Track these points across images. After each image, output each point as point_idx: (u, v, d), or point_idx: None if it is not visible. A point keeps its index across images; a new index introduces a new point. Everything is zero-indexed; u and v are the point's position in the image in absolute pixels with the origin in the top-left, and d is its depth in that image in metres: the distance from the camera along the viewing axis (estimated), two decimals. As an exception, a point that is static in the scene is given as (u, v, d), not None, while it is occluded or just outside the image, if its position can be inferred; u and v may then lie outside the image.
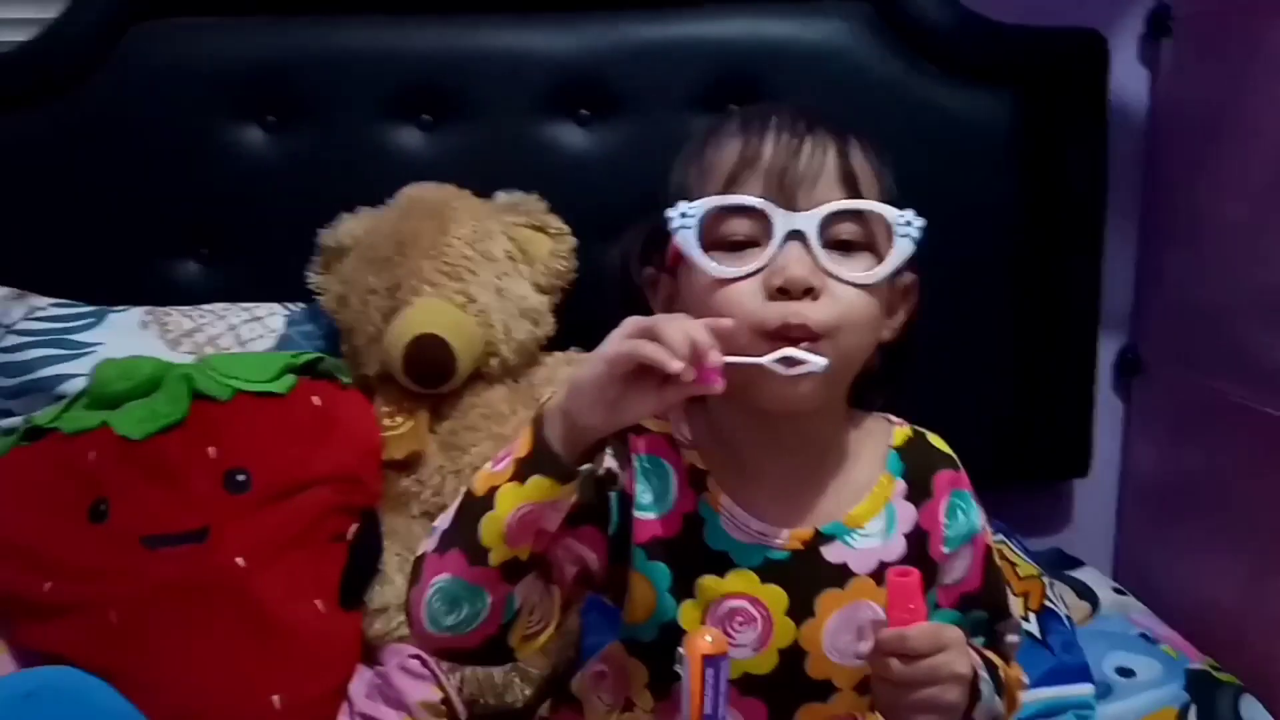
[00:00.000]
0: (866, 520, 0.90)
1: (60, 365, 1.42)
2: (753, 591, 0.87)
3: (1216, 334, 1.56)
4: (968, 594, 0.93)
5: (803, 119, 0.85)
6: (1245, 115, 1.50)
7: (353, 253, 1.45)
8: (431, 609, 0.82)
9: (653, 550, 0.88)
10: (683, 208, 0.84)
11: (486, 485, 0.81)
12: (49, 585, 1.19)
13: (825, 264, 0.82)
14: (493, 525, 0.80)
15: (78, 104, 1.55)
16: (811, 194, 0.83)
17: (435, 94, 1.56)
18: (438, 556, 0.82)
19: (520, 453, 0.80)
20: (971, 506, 0.94)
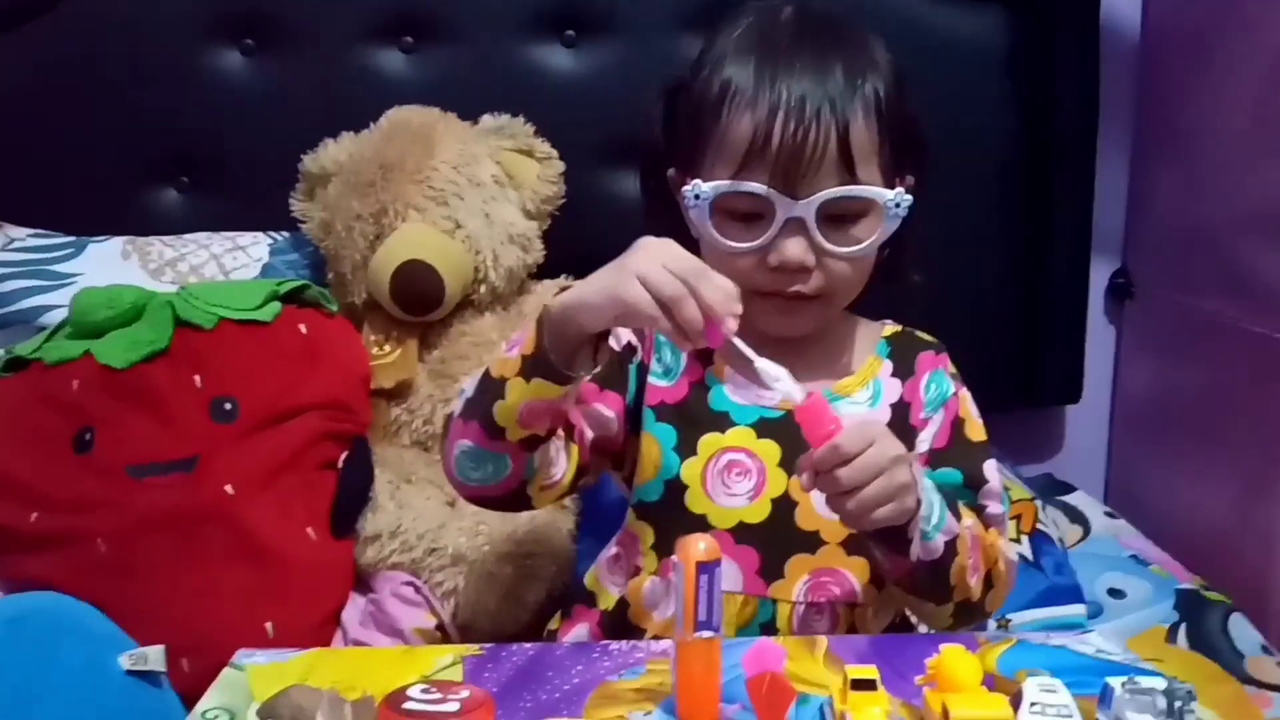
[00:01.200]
0: (855, 390, 1.01)
1: (41, 296, 1.41)
2: (749, 445, 0.98)
3: (1208, 255, 1.55)
4: (936, 450, 1.00)
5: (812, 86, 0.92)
6: (1235, 34, 1.48)
7: (336, 179, 1.43)
8: (460, 464, 0.95)
9: (661, 412, 1.00)
10: (696, 189, 0.94)
11: (499, 371, 0.90)
12: (35, 516, 1.17)
13: (820, 244, 0.94)
14: (505, 411, 0.89)
15: (51, 30, 1.52)
16: (813, 182, 0.92)
17: (417, 15, 1.53)
18: (462, 423, 0.93)
19: (526, 349, 0.88)
20: (945, 380, 1.03)
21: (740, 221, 0.95)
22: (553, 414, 0.91)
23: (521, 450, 0.92)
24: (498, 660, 0.81)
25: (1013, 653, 0.83)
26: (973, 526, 0.94)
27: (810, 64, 0.94)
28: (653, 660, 0.81)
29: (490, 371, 0.91)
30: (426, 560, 1.23)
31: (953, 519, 0.89)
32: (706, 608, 0.71)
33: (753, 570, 0.95)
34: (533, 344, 0.88)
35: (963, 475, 0.99)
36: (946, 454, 0.99)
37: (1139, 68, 1.71)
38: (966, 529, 0.92)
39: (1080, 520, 1.56)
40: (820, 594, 0.95)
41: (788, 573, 0.95)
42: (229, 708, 0.74)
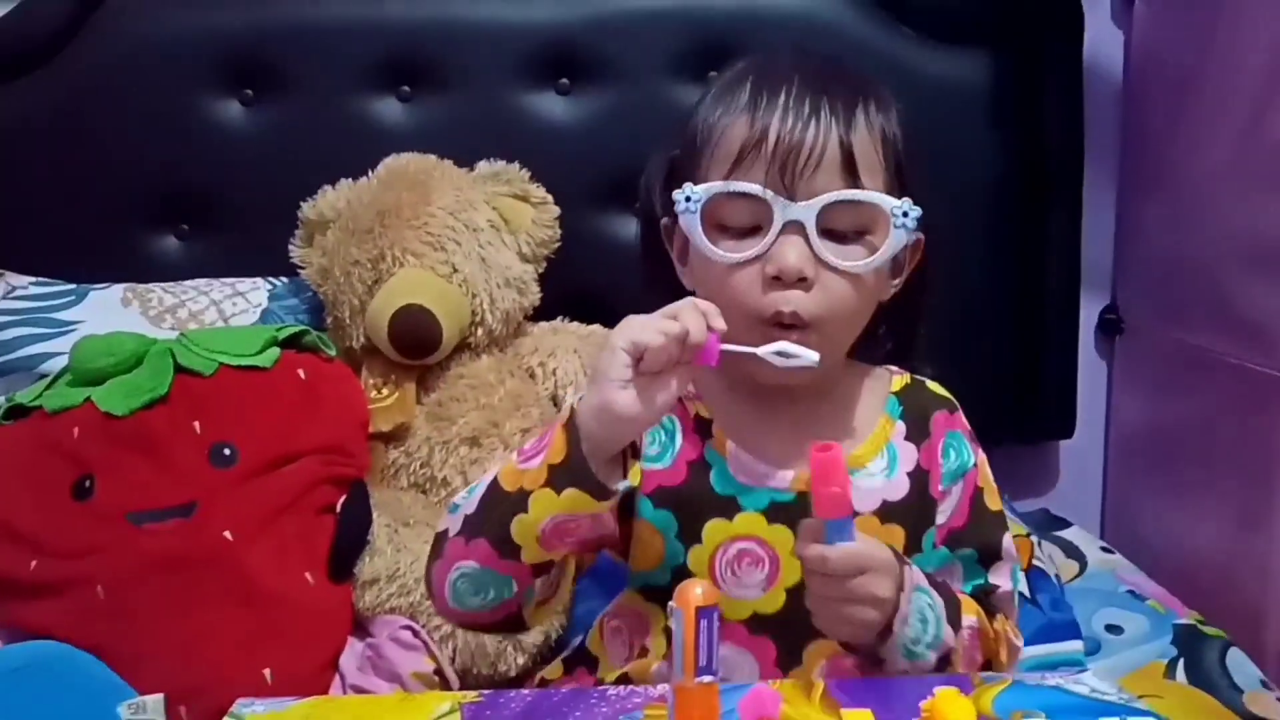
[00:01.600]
0: (868, 460, 0.93)
1: (41, 344, 1.42)
2: (759, 533, 0.90)
3: (1195, 290, 1.57)
4: (954, 530, 0.94)
5: (811, 93, 0.87)
6: (1216, 70, 1.51)
7: (335, 225, 1.45)
8: (456, 590, 0.86)
9: (659, 498, 0.91)
10: (688, 191, 0.87)
11: (516, 483, 0.83)
12: (35, 563, 1.18)
13: (820, 253, 0.86)
14: (526, 528, 0.83)
15: (53, 79, 1.55)
16: (812, 183, 0.86)
17: (414, 65, 1.56)
18: (463, 542, 0.85)
19: (554, 458, 0.82)
20: (964, 445, 0.97)
21: (734, 237, 0.88)
22: (581, 534, 0.84)
23: (532, 574, 0.85)
24: (496, 707, 0.82)
25: (1008, 694, 0.83)
26: (975, 624, 0.91)
27: (812, 76, 0.88)
28: (650, 705, 0.82)
29: (501, 484, 0.84)
30: (425, 604, 1.24)
31: (950, 632, 0.87)
32: (706, 652, 0.71)
33: (770, 661, 0.91)
34: (562, 451, 0.81)
35: (978, 554, 0.95)
36: (964, 534, 0.95)
37: (1123, 106, 1.74)
38: (967, 629, 0.90)
39: (1076, 555, 1.56)
40: (838, 677, 0.89)
41: (806, 660, 0.91)
42: (230, 755, 0.75)
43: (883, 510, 0.91)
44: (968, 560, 0.95)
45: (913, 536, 0.92)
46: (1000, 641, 0.94)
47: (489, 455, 1.38)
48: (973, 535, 0.95)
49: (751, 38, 1.56)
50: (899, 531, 0.92)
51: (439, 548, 0.88)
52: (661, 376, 0.81)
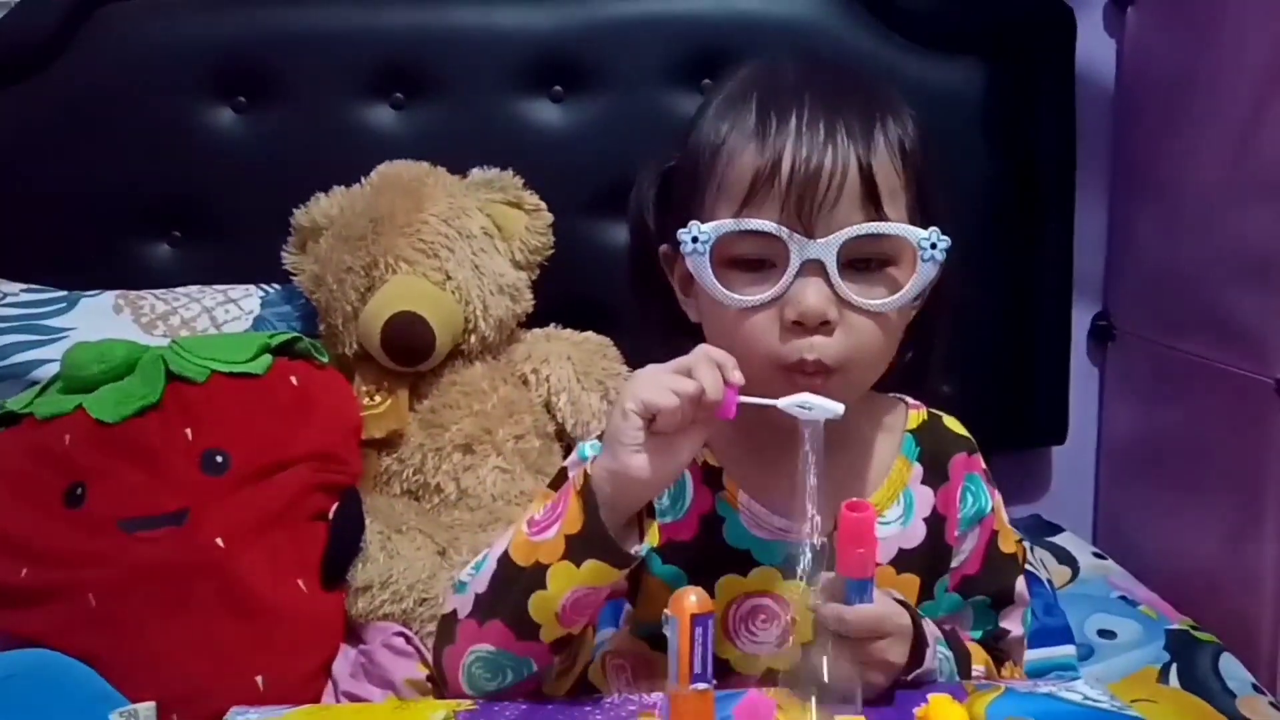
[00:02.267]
0: (885, 508, 0.88)
1: (33, 351, 1.42)
2: (775, 589, 0.86)
3: (1186, 297, 1.58)
4: (968, 577, 0.91)
5: (825, 113, 0.80)
6: (1208, 81, 1.52)
7: (327, 232, 1.45)
8: (471, 674, 0.82)
9: (669, 554, 0.87)
10: (694, 231, 0.80)
11: (531, 557, 0.78)
12: (26, 571, 1.18)
13: (843, 293, 0.79)
14: (544, 605, 0.78)
15: (47, 86, 1.55)
16: (831, 217, 0.78)
17: (407, 72, 1.57)
18: (477, 625, 0.81)
19: (571, 528, 0.77)
20: (982, 489, 0.93)
21: (745, 273, 0.81)
22: (599, 605, 0.81)
23: (551, 652, 0.81)
24: (490, 715, 0.81)
25: (1001, 701, 0.84)
26: (984, 673, 0.89)
27: (823, 91, 0.81)
28: (644, 712, 0.82)
29: (514, 559, 0.79)
30: (418, 610, 1.24)
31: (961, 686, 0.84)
32: (701, 660, 0.71)
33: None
34: (579, 521, 0.76)
35: (990, 598, 0.93)
36: (978, 580, 0.91)
37: (1115, 116, 1.75)
38: (976, 680, 0.87)
39: (1069, 561, 1.57)
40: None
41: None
42: (223, 763, 0.75)
43: (899, 559, 0.88)
44: (980, 607, 0.93)
45: (926, 584, 0.89)
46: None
47: (482, 462, 1.38)
48: (986, 582, 0.92)
49: (744, 46, 1.56)
50: (914, 580, 0.89)
51: (449, 631, 0.83)
52: (677, 437, 0.76)
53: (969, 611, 0.92)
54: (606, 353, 1.48)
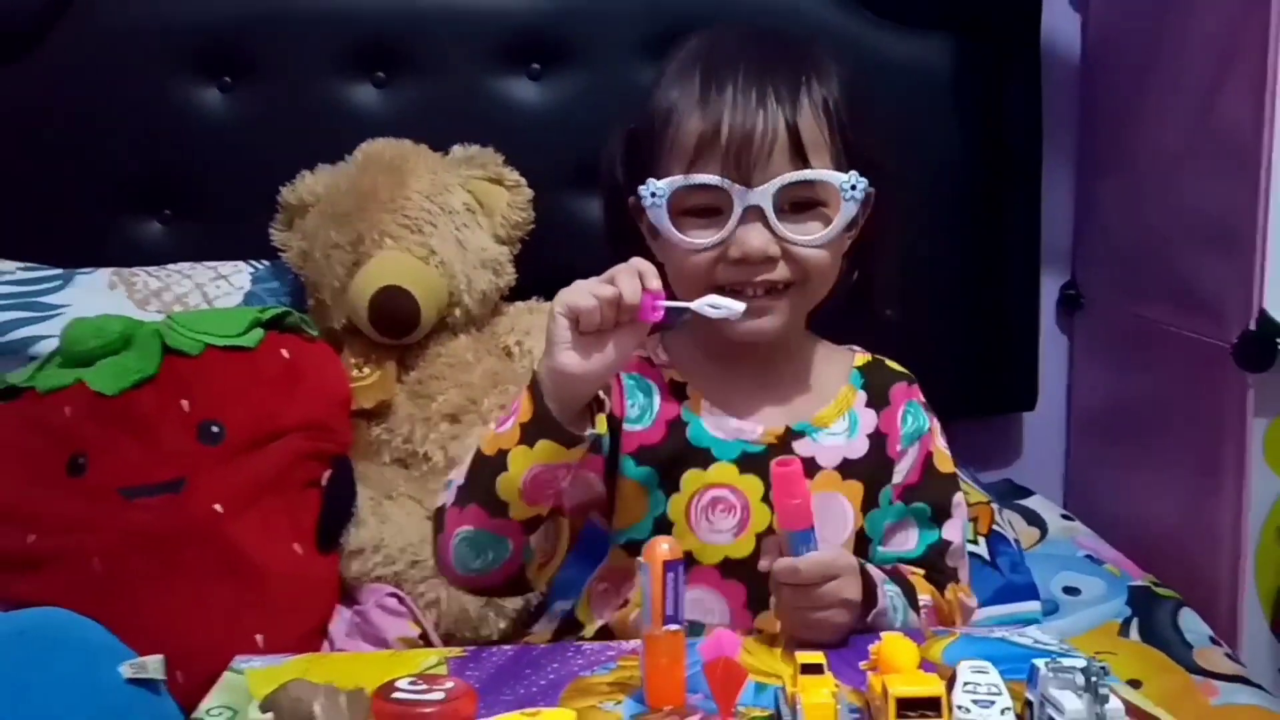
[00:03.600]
0: (831, 421, 1.01)
1: (30, 327, 1.45)
2: (732, 481, 0.97)
3: (1150, 265, 1.63)
4: (909, 486, 1.02)
5: (757, 81, 0.93)
6: (1171, 53, 1.55)
7: (314, 209, 1.48)
8: (459, 554, 0.93)
9: (641, 457, 0.99)
10: (652, 187, 0.94)
11: (495, 446, 0.90)
12: (32, 538, 1.21)
13: (780, 232, 0.93)
14: (508, 484, 0.90)
15: (35, 66, 1.57)
16: (766, 169, 0.92)
17: (388, 51, 1.59)
18: (458, 510, 0.92)
19: (524, 417, 0.89)
20: (920, 413, 1.05)
21: (700, 219, 0.94)
22: (557, 483, 0.91)
23: (522, 531, 0.92)
24: (479, 660, 0.87)
25: (956, 645, 0.89)
26: (930, 602, 0.98)
27: (756, 62, 0.94)
28: (624, 658, 0.87)
29: (483, 450, 0.91)
30: (409, 572, 1.29)
31: (914, 616, 0.94)
32: (673, 603, 0.76)
33: (740, 604, 0.97)
34: (529, 410, 0.89)
35: (930, 509, 1.02)
36: (918, 490, 1.02)
37: (1081, 87, 1.79)
38: (924, 609, 0.96)
39: (1038, 523, 1.61)
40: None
41: (773, 604, 0.94)
42: (230, 706, 0.80)
43: (843, 466, 1.00)
44: (921, 515, 1.03)
45: (869, 491, 1.00)
46: (955, 607, 1.01)
47: (468, 431, 1.41)
48: (925, 491, 1.03)
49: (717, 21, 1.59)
50: (857, 486, 1.00)
51: (439, 521, 0.95)
52: (603, 336, 0.87)
53: (912, 522, 1.02)
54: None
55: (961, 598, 1.02)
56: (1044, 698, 0.71)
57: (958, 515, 1.04)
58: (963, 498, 1.05)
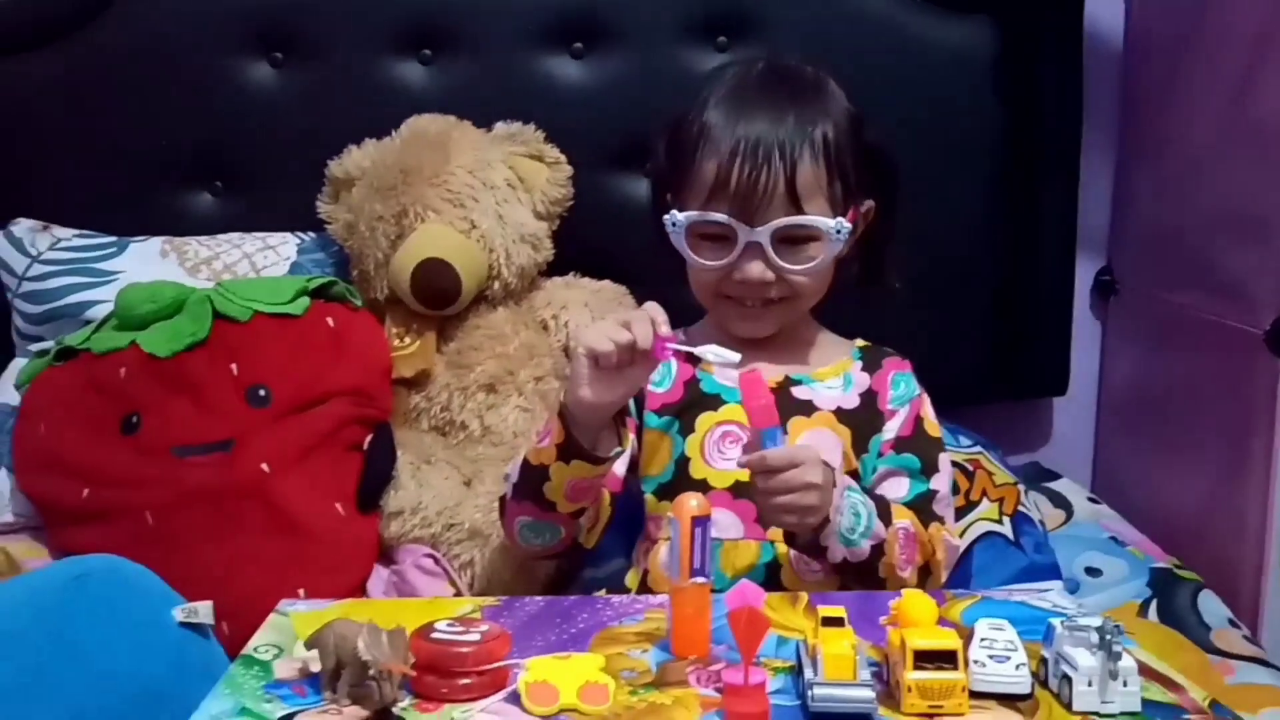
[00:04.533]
0: (829, 378, 1.19)
1: (86, 292, 1.50)
2: (739, 418, 1.12)
3: (1186, 252, 1.62)
4: (902, 438, 1.17)
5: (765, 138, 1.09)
6: (1209, 41, 1.55)
7: (360, 183, 1.52)
8: (522, 534, 1.15)
9: (662, 411, 1.18)
10: (673, 218, 1.13)
11: (537, 459, 1.08)
12: (87, 492, 1.27)
13: (776, 263, 1.11)
14: (553, 490, 1.08)
15: (94, 42, 1.61)
16: (766, 212, 1.09)
17: (435, 29, 1.62)
18: (515, 503, 1.13)
19: (557, 439, 1.06)
20: (912, 382, 1.21)
21: (711, 242, 1.12)
22: (596, 488, 1.10)
23: (572, 519, 1.11)
24: (512, 609, 0.91)
25: (976, 607, 0.92)
26: (908, 526, 1.09)
27: (768, 114, 1.10)
28: (651, 610, 0.90)
29: (529, 460, 1.09)
30: (445, 534, 1.33)
31: (881, 526, 1.05)
32: (700, 557, 0.80)
33: (751, 519, 1.10)
34: (561, 434, 1.05)
35: (920, 462, 1.16)
36: (909, 441, 1.17)
37: (1122, 73, 1.78)
38: (899, 530, 1.07)
39: (1063, 505, 1.62)
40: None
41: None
42: (277, 644, 0.84)
43: (838, 414, 1.16)
44: (911, 468, 1.16)
45: (859, 437, 1.16)
46: (936, 542, 1.11)
47: (504, 401, 1.45)
48: (915, 445, 1.18)
49: (759, 4, 1.61)
50: (847, 431, 1.16)
51: (502, 508, 1.16)
52: (619, 373, 1.02)
53: (903, 471, 1.16)
54: (623, 300, 1.54)
55: (945, 535, 1.13)
56: (1059, 654, 0.74)
57: (944, 470, 1.18)
58: (948, 458, 1.20)
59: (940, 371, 1.26)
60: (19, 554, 1.32)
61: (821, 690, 0.73)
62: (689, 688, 0.78)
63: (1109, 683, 0.73)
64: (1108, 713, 0.74)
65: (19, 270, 1.53)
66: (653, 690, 0.77)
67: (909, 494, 1.15)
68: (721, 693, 0.75)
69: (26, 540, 1.36)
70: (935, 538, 1.12)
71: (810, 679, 0.74)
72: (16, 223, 1.57)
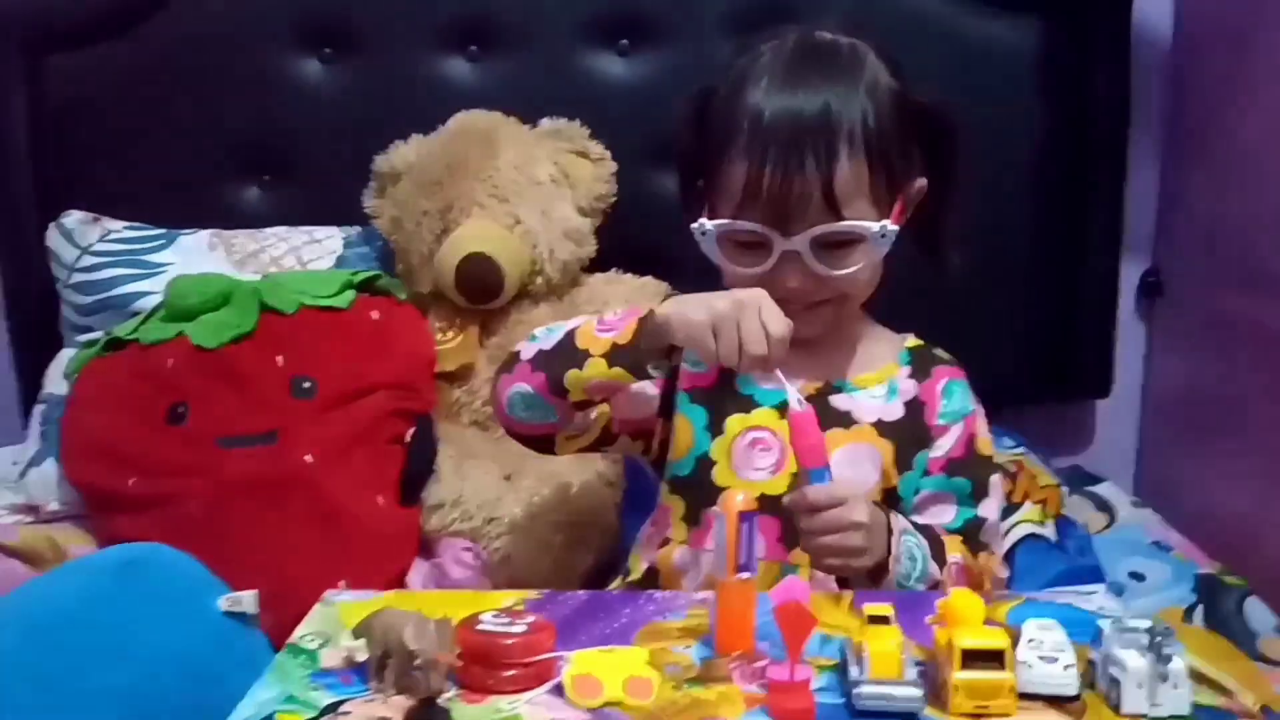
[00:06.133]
0: (871, 385, 1.10)
1: (134, 284, 1.52)
2: (771, 424, 1.07)
3: (1235, 254, 1.60)
4: (954, 460, 1.09)
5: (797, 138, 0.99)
6: (1264, 39, 1.52)
7: (406, 177, 1.53)
8: (512, 401, 1.07)
9: (694, 395, 1.10)
10: (703, 226, 1.04)
11: (585, 343, 1.01)
12: (133, 481, 1.28)
13: (816, 270, 1.02)
14: (577, 380, 1.01)
15: (147, 38, 1.63)
16: (802, 219, 1.00)
17: (482, 26, 1.63)
18: (529, 368, 1.05)
19: (621, 338, 0.99)
20: (966, 392, 1.12)
21: (746, 248, 1.04)
22: (613, 390, 1.04)
23: (573, 410, 1.05)
24: (555, 602, 0.91)
25: (1021, 609, 0.91)
26: (960, 560, 1.03)
27: (799, 106, 1.01)
28: (693, 607, 0.90)
29: (575, 339, 1.02)
30: (485, 528, 1.33)
31: (935, 568, 0.99)
32: (746, 552, 0.80)
33: (774, 538, 1.04)
34: (630, 335, 0.99)
35: (971, 485, 1.09)
36: (962, 464, 1.09)
37: (1171, 72, 1.75)
38: (953, 565, 1.02)
39: (1106, 509, 1.60)
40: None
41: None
42: (323, 633, 0.85)
43: (877, 424, 1.08)
44: (961, 492, 1.09)
45: (901, 453, 1.08)
46: (985, 574, 1.06)
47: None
48: (968, 468, 1.09)
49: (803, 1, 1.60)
50: (889, 445, 1.08)
51: (510, 364, 1.08)
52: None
53: (952, 496, 1.09)
54: (665, 297, 1.55)
55: (994, 566, 1.08)
56: (1108, 656, 0.73)
57: (994, 495, 1.10)
58: (1000, 482, 1.12)
59: (982, 372, 1.24)
60: (66, 541, 1.33)
61: (868, 689, 0.72)
62: (733, 684, 0.78)
63: (1158, 685, 0.72)
64: (1156, 715, 0.73)
65: (69, 261, 1.55)
66: (697, 685, 0.77)
67: (956, 521, 1.08)
68: (766, 689, 0.75)
69: (73, 528, 1.38)
70: (985, 569, 1.06)
71: (856, 677, 0.73)
72: (67, 214, 1.59)
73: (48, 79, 1.63)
